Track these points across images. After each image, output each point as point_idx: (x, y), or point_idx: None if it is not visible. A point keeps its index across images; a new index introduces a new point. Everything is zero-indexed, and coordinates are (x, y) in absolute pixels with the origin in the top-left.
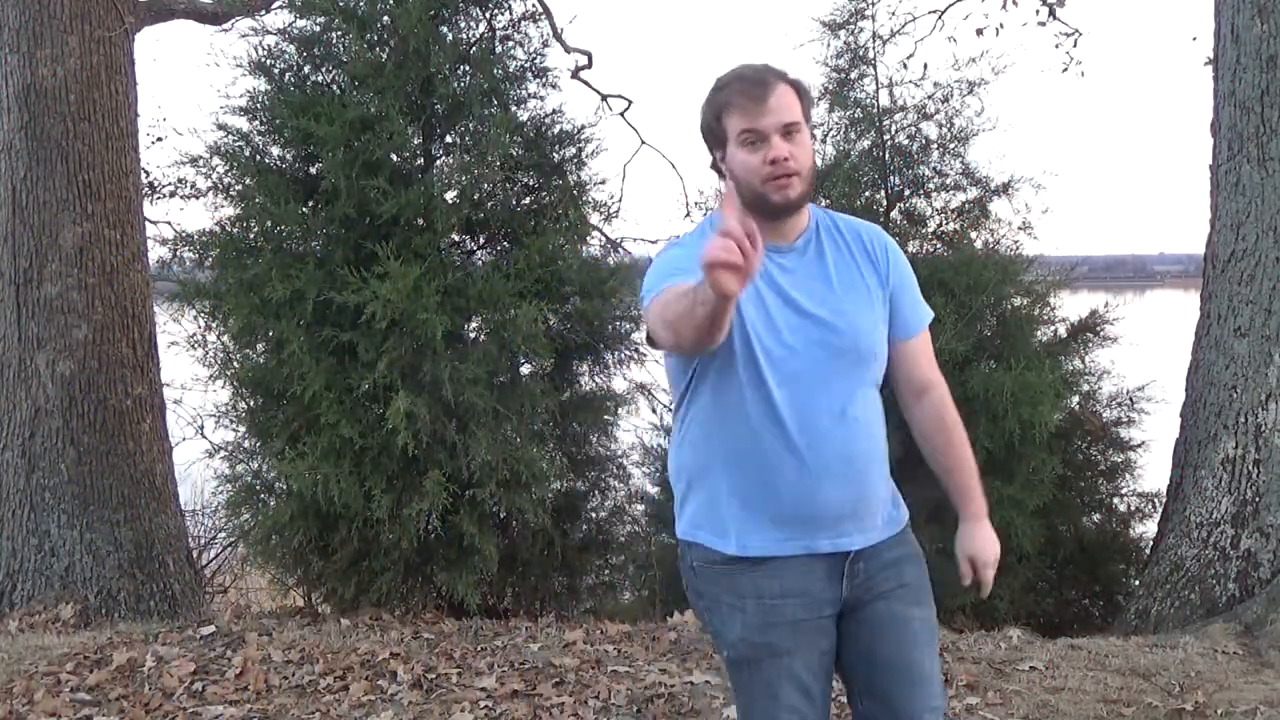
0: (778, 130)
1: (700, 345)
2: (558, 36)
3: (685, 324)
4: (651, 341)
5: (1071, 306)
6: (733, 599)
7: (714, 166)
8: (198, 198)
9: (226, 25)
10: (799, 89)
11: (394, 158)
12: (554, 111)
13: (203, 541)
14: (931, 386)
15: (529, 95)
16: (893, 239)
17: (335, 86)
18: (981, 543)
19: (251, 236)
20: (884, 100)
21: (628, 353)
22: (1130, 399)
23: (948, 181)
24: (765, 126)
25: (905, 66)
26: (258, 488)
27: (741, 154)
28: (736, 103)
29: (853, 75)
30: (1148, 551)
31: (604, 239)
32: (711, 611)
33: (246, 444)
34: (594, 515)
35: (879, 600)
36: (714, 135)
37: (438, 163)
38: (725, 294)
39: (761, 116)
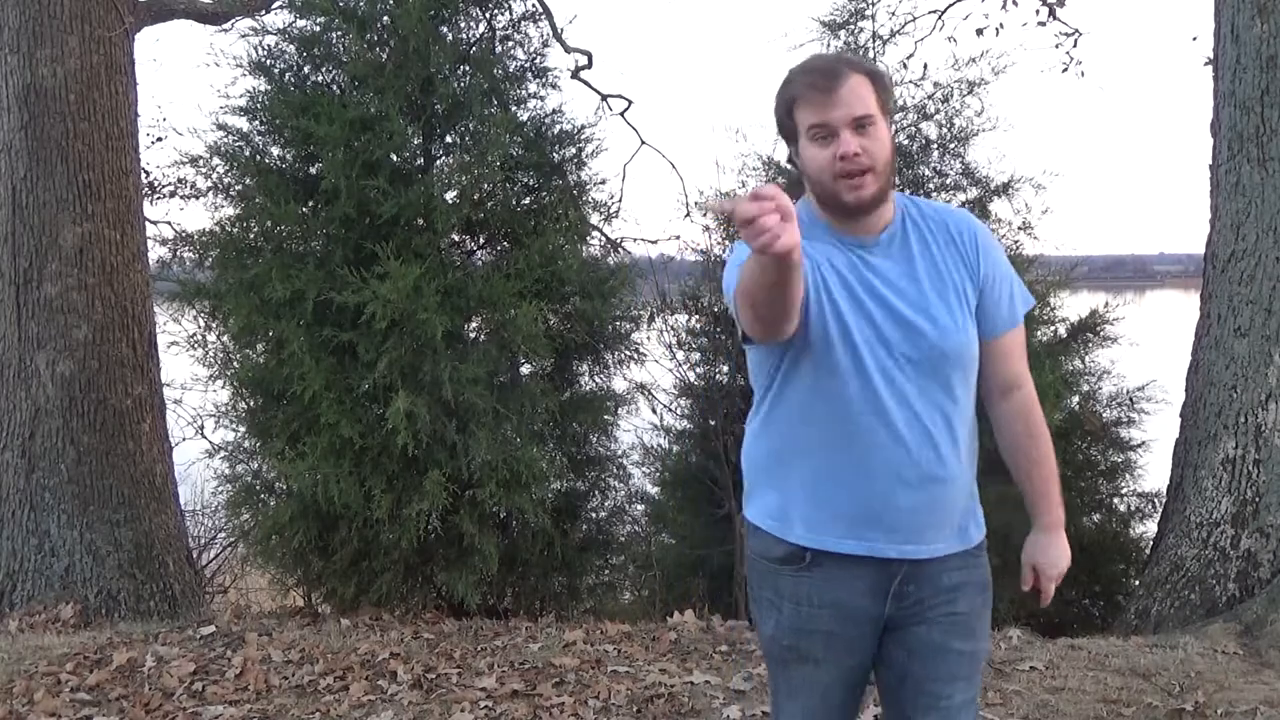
0: (848, 124)
1: (778, 319)
2: (558, 36)
3: (758, 293)
4: (745, 339)
5: (1071, 306)
6: (773, 596)
7: (790, 161)
8: (198, 198)
9: (226, 25)
10: (875, 79)
11: (394, 158)
12: (554, 111)
13: (203, 541)
14: (1019, 384)
15: (529, 95)
16: (983, 225)
17: (335, 86)
18: (1055, 555)
19: (251, 236)
20: None
21: (628, 353)
22: (1130, 399)
23: (948, 181)
24: (835, 120)
25: (905, 66)
26: (258, 488)
27: (812, 149)
28: (805, 96)
29: None
30: (1148, 551)
31: (604, 239)
32: (755, 602)
33: (246, 444)
34: (594, 515)
35: (922, 625)
36: (786, 130)
37: (438, 163)
38: (767, 252)
39: (831, 109)
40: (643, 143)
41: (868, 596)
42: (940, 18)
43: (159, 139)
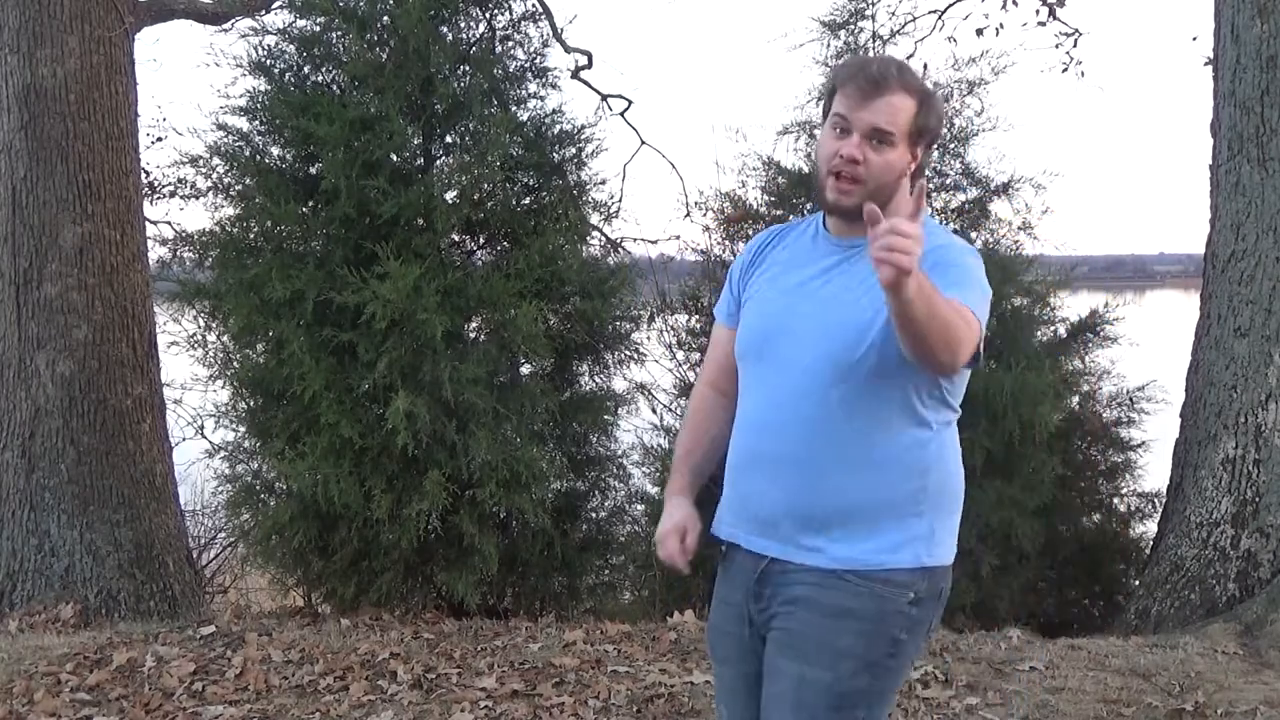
0: (865, 130)
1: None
2: (558, 36)
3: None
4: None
5: (1071, 306)
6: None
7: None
8: (198, 198)
9: (226, 25)
10: (925, 103)
11: (394, 158)
12: (554, 111)
13: (203, 541)
14: None
15: (529, 95)
16: (970, 258)
17: (335, 86)
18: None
19: (251, 236)
20: None
21: (628, 353)
22: (1130, 399)
23: (948, 181)
24: (855, 120)
25: None
26: (258, 488)
27: (827, 135)
28: (847, 88)
29: None
30: (1148, 551)
31: (604, 239)
32: None
33: (246, 444)
34: (594, 515)
35: (770, 634)
36: (825, 106)
37: (438, 163)
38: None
39: (858, 109)
40: (643, 143)
41: (740, 591)
42: (940, 18)
43: (159, 139)
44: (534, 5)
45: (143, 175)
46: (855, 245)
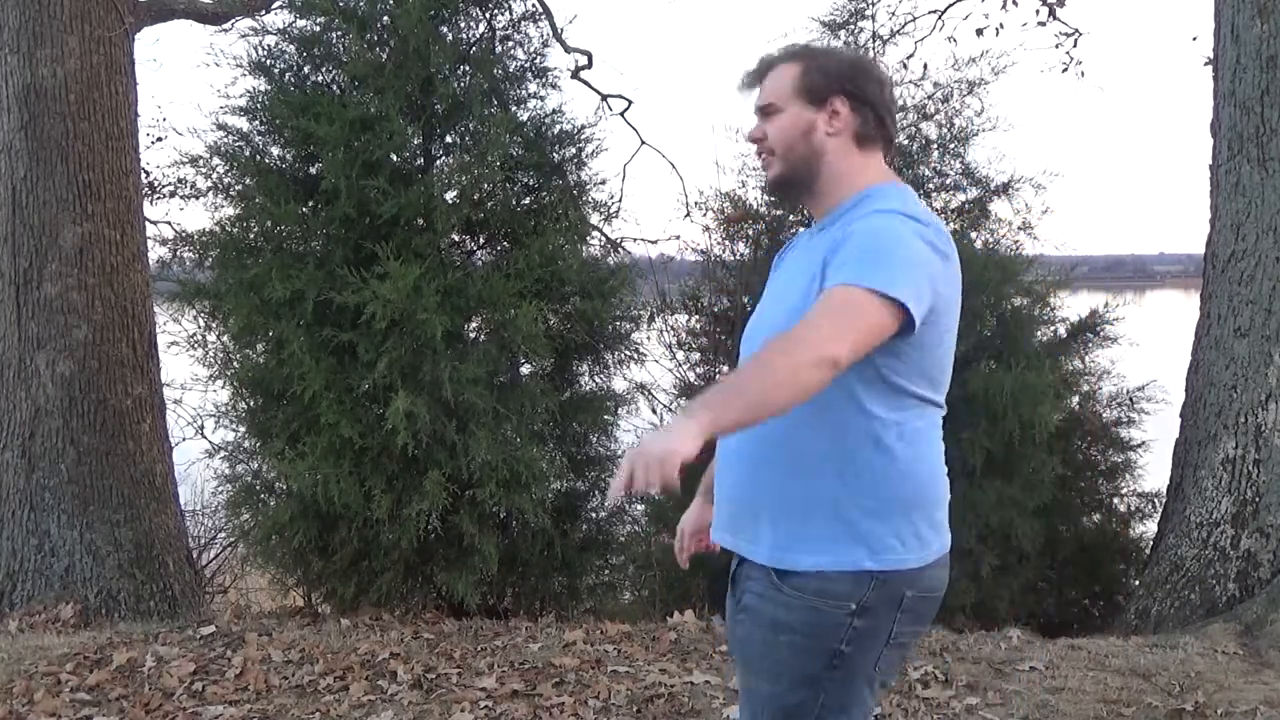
0: (756, 113)
1: None
2: (558, 36)
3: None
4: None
5: (1071, 306)
6: None
7: None
8: (198, 198)
9: (226, 25)
10: (808, 60)
11: (394, 158)
12: (554, 111)
13: (203, 541)
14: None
15: (529, 95)
16: (877, 221)
17: (335, 86)
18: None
19: (251, 236)
20: None
21: (628, 353)
22: (1130, 399)
23: (948, 182)
24: (753, 107)
25: (905, 67)
26: (258, 488)
27: None
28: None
29: None
30: (1148, 551)
31: (604, 239)
32: None
33: (246, 444)
34: (594, 515)
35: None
36: None
37: (438, 163)
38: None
39: (754, 99)
40: (643, 143)
41: (729, 591)
42: (940, 18)
43: (159, 139)
44: (534, 5)
45: (143, 175)
46: (822, 226)
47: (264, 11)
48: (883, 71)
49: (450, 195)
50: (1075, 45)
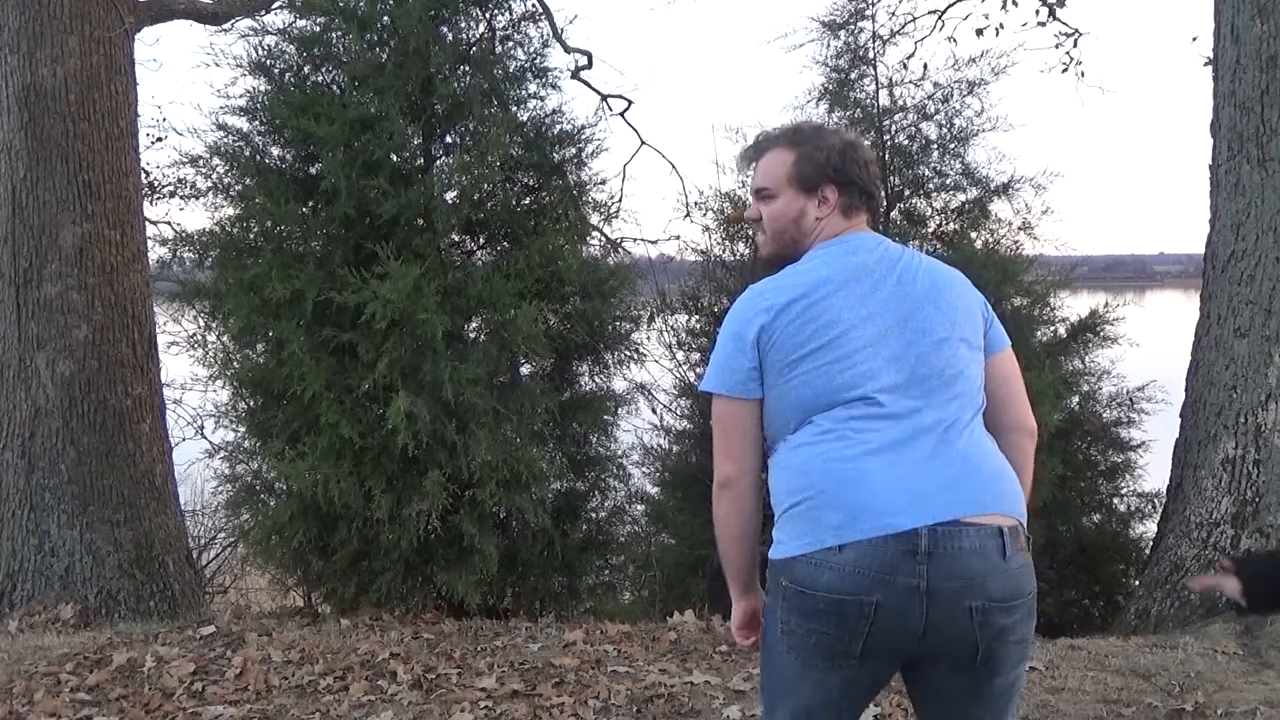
0: (753, 193)
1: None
2: (558, 37)
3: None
4: None
5: (1071, 306)
6: None
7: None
8: (198, 198)
9: (226, 25)
10: (803, 150)
11: (394, 158)
12: (554, 112)
13: (203, 541)
14: None
15: (529, 95)
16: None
17: (335, 86)
18: None
19: (251, 236)
20: (884, 100)
21: (628, 353)
22: (1130, 399)
23: (948, 182)
24: (750, 188)
25: (905, 67)
26: (258, 488)
27: None
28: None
29: (852, 75)
30: (1148, 551)
31: (604, 239)
32: None
33: (246, 444)
34: (594, 515)
35: None
36: None
37: (438, 163)
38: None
39: (752, 177)
40: (643, 143)
41: None
42: (940, 18)
43: (159, 139)
44: (534, 5)
45: (143, 175)
46: None
47: (264, 11)
48: (868, 152)
49: (450, 195)
50: (1075, 45)
